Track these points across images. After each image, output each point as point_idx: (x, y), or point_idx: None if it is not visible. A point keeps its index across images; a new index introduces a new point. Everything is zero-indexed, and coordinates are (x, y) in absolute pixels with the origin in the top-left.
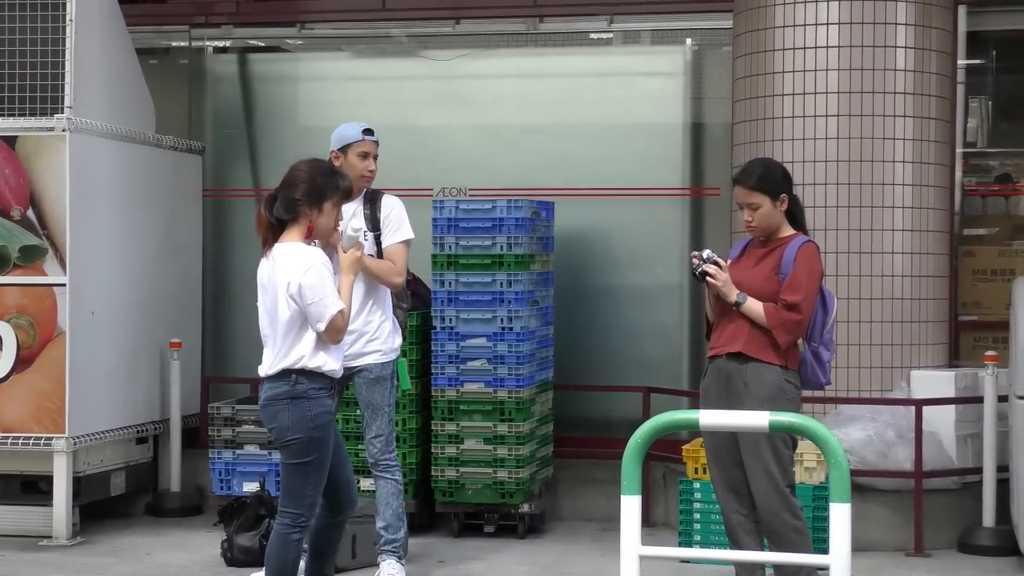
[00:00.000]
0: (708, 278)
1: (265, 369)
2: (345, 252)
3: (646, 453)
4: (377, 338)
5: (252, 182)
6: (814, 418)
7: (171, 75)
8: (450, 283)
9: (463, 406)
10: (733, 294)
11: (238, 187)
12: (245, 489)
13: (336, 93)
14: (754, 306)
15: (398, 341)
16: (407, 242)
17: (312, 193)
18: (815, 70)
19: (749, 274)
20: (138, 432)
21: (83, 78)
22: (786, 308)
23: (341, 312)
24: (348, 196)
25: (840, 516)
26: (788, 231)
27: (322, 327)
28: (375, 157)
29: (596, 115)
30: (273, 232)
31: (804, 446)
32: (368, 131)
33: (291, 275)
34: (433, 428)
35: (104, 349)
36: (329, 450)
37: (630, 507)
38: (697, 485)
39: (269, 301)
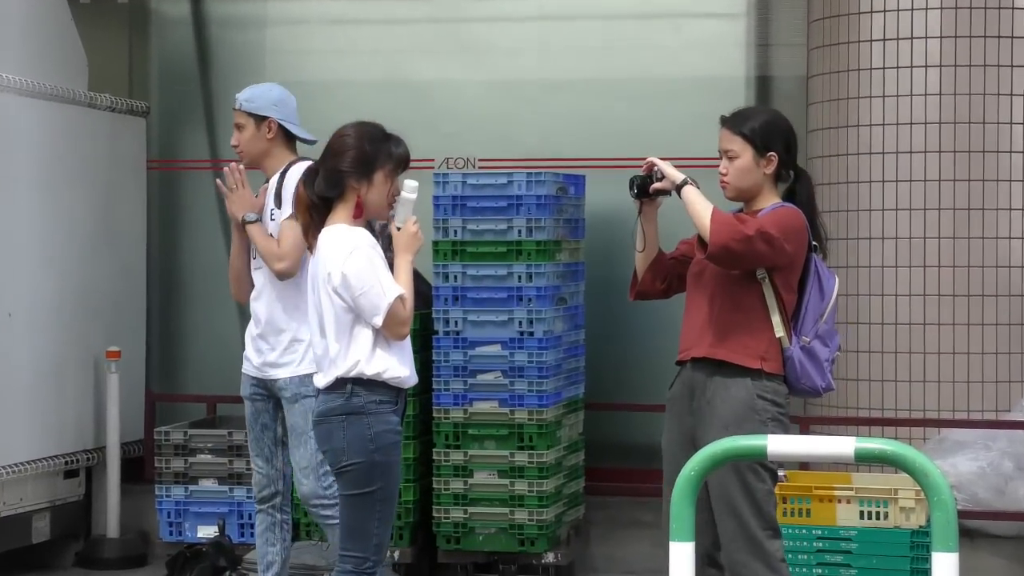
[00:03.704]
0: (655, 184)
1: (320, 381)
2: (399, 226)
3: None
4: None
5: (208, 151)
6: (910, 445)
7: (108, 20)
8: (456, 277)
9: (472, 430)
10: (679, 175)
11: (191, 157)
12: (200, 535)
13: (313, 40)
14: (697, 196)
15: None
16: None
17: (360, 163)
18: (911, 9)
19: None
20: (67, 463)
21: (0, 25)
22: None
23: (401, 298)
24: (404, 165)
25: (945, 568)
26: (770, 200)
27: (379, 321)
28: (238, 127)
29: (637, 67)
30: (317, 214)
31: (900, 481)
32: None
33: (332, 264)
34: (435, 458)
35: (24, 360)
36: (396, 478)
37: (680, 556)
38: None
39: (315, 299)
